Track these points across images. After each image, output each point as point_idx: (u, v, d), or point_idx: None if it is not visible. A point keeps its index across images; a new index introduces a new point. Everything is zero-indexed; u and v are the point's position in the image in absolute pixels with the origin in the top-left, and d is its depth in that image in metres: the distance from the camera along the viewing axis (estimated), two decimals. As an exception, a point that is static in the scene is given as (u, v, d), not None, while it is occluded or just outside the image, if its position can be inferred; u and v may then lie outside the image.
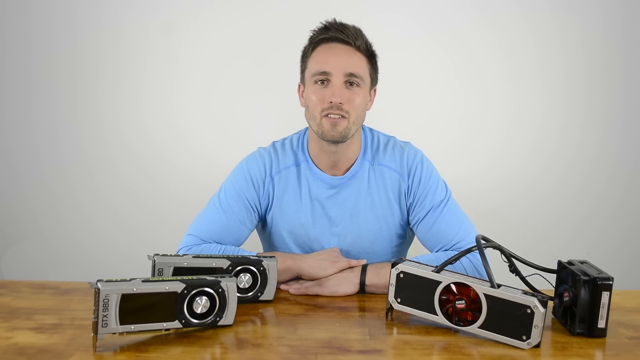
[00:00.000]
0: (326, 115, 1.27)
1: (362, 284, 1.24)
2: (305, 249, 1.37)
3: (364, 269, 1.26)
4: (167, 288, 0.97)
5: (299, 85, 1.38)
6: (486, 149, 2.15)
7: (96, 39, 2.10)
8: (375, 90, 1.38)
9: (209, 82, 2.12)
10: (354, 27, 1.31)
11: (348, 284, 1.24)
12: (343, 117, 1.27)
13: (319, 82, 1.29)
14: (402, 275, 1.06)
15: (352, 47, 1.29)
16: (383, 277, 1.22)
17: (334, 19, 1.31)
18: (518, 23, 2.09)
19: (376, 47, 1.34)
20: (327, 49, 1.29)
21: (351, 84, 1.28)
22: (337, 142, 1.29)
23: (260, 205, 1.37)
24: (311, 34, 1.33)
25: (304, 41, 1.35)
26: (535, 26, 2.09)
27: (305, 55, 1.34)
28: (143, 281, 0.96)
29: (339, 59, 1.27)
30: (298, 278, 1.28)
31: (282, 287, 1.26)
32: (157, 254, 1.12)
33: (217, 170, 1.54)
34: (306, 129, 1.40)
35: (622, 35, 2.10)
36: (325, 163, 1.36)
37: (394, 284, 1.07)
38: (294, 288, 1.25)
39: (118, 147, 2.15)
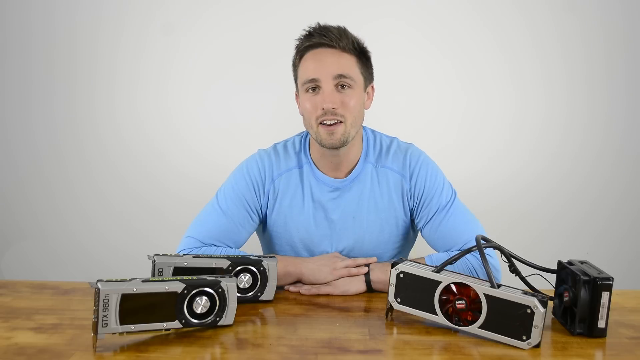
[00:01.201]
0: (322, 123, 1.26)
1: (368, 282, 1.25)
2: (307, 251, 1.37)
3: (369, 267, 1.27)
4: (167, 288, 0.97)
5: (296, 95, 1.37)
6: (488, 149, 2.15)
7: (95, 39, 2.10)
8: (372, 87, 1.36)
9: (206, 82, 2.12)
10: (337, 28, 1.28)
11: (359, 282, 1.25)
12: (340, 121, 1.25)
13: (310, 90, 1.27)
14: (402, 275, 1.06)
15: (337, 49, 1.26)
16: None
17: (318, 24, 1.29)
18: (518, 23, 2.09)
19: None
20: (313, 56, 1.27)
21: (342, 86, 1.26)
22: (337, 148, 1.28)
23: (260, 207, 1.36)
24: (296, 43, 1.31)
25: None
26: (536, 26, 2.09)
27: (295, 65, 1.33)
28: (143, 281, 0.96)
29: (326, 64, 1.25)
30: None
31: (292, 289, 1.26)
32: (157, 254, 1.13)
33: (216, 169, 1.55)
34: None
35: (622, 35, 2.10)
36: (328, 165, 1.35)
37: (394, 284, 1.06)
38: (305, 289, 1.25)
39: (116, 147, 2.15)
